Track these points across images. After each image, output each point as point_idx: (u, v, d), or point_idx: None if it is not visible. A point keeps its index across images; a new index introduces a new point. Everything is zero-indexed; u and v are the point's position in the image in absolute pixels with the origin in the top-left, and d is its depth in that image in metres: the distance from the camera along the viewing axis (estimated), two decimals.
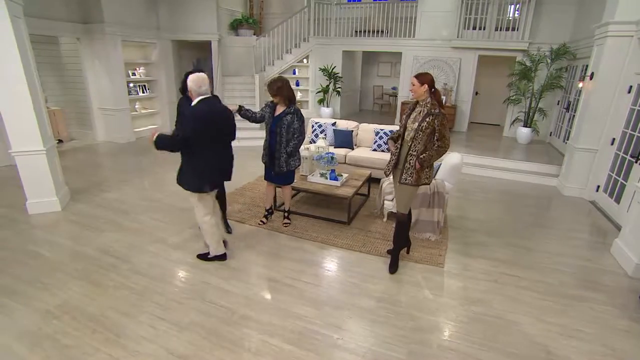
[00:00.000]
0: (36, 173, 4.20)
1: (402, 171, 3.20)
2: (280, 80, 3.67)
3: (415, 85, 3.04)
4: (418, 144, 3.07)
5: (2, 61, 3.76)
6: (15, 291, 2.97)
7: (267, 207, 4.25)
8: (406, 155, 3.16)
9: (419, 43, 8.79)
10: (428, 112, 3.01)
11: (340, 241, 3.90)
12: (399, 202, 3.35)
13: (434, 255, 3.72)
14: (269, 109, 3.77)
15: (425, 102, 3.06)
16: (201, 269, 3.35)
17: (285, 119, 3.66)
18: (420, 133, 3.04)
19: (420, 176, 3.17)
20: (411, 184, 3.17)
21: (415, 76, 3.08)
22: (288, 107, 3.68)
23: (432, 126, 3.01)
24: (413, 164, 3.11)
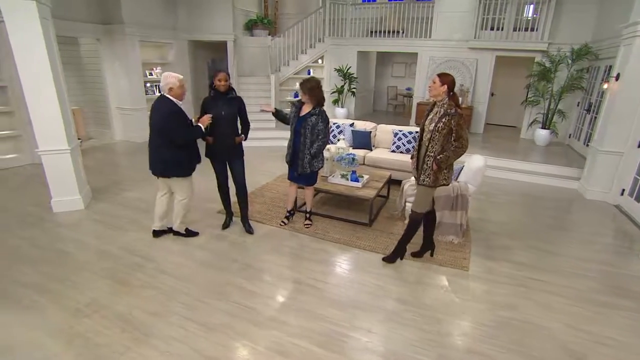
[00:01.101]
0: (61, 172, 4.26)
1: (420, 172, 3.20)
2: (314, 81, 3.67)
3: (436, 83, 3.02)
4: (435, 145, 3.06)
5: (31, 62, 3.82)
6: (45, 288, 3.02)
7: (289, 208, 4.25)
8: (424, 156, 3.14)
9: (435, 43, 8.71)
10: (445, 112, 2.99)
11: (362, 243, 3.88)
12: (415, 202, 3.35)
13: (458, 258, 3.68)
14: (295, 108, 3.77)
15: (442, 102, 3.04)
16: (225, 270, 3.36)
17: (310, 120, 3.66)
18: (436, 134, 3.03)
19: (438, 177, 3.15)
20: (428, 185, 3.16)
21: (438, 75, 3.06)
22: (314, 109, 3.67)
23: (448, 126, 2.99)
24: (430, 164, 3.10)
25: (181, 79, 3.37)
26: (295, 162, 3.80)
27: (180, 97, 3.40)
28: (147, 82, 8.18)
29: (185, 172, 3.55)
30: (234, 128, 3.71)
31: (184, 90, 3.41)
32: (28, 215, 4.32)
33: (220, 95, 3.56)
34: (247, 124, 3.81)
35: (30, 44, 3.76)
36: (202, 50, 9.47)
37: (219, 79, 3.50)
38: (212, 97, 3.59)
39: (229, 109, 3.60)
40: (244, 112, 3.75)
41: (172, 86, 3.30)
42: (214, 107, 3.56)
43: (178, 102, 3.38)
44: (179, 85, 3.33)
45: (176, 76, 3.35)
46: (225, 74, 3.53)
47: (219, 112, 3.55)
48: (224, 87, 3.53)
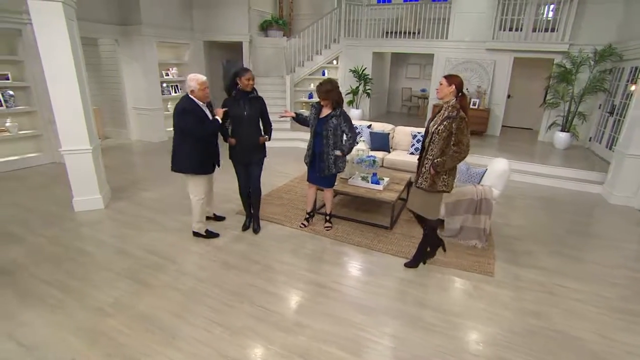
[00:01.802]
0: (82, 171, 4.30)
1: (418, 174, 3.13)
2: (330, 83, 3.62)
3: (443, 84, 2.95)
4: (434, 148, 2.98)
5: (57, 62, 3.86)
6: (69, 287, 3.02)
7: (309, 209, 4.21)
8: (423, 158, 3.08)
9: (452, 44, 8.61)
10: (447, 115, 2.92)
11: (384, 246, 3.83)
12: (423, 208, 3.22)
13: (483, 263, 3.60)
14: (314, 110, 3.73)
15: (448, 104, 2.96)
16: (246, 272, 3.33)
17: (331, 122, 3.62)
18: (436, 137, 2.96)
19: (435, 182, 3.05)
20: (425, 189, 3.08)
21: (445, 76, 3.00)
22: (334, 110, 3.63)
23: (449, 130, 2.90)
24: (428, 168, 3.03)
25: (202, 81, 3.38)
26: (319, 164, 3.76)
27: (203, 99, 3.45)
28: (164, 82, 8.24)
29: (195, 169, 3.55)
30: (257, 128, 3.68)
31: (205, 92, 3.43)
32: (50, 214, 4.36)
33: (242, 94, 3.53)
34: (269, 124, 3.79)
35: (56, 44, 3.80)
36: (217, 51, 9.51)
37: (247, 77, 3.48)
38: (234, 97, 3.56)
39: (252, 109, 3.57)
40: (265, 112, 3.73)
41: (192, 89, 3.37)
42: (236, 108, 3.54)
43: (199, 102, 3.42)
44: (200, 88, 3.37)
45: (197, 79, 3.37)
46: (250, 74, 3.51)
47: (241, 113, 3.53)
48: (250, 87, 3.51)
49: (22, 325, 2.60)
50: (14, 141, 5.90)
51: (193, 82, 3.35)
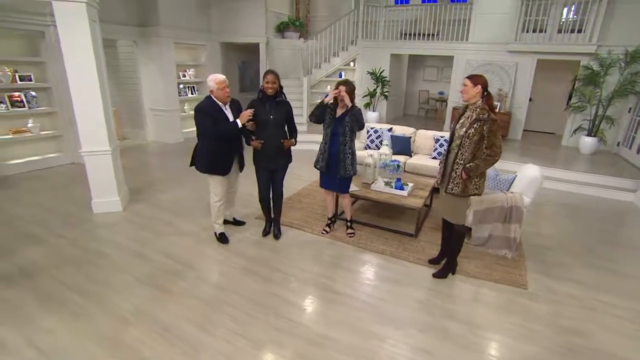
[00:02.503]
0: (101, 173, 4.26)
1: (449, 180, 3.00)
2: (352, 85, 3.49)
3: (468, 85, 2.81)
4: (465, 152, 2.86)
5: (79, 62, 3.83)
6: (89, 292, 2.96)
7: (330, 215, 4.09)
8: (452, 163, 2.95)
9: (472, 46, 8.41)
10: (477, 117, 2.78)
11: (409, 255, 3.68)
12: (450, 213, 3.15)
13: (514, 275, 3.43)
14: (330, 110, 3.58)
15: (475, 106, 2.83)
16: (268, 280, 3.22)
17: (346, 120, 3.49)
18: (466, 140, 2.83)
19: (467, 186, 2.94)
20: (457, 194, 2.97)
21: (468, 77, 2.86)
22: (350, 109, 3.49)
23: (480, 133, 2.78)
24: (459, 173, 2.90)
25: (220, 81, 3.33)
26: (336, 165, 3.61)
27: (222, 99, 3.40)
28: (180, 83, 8.23)
29: (210, 169, 3.52)
30: (283, 133, 3.56)
31: (225, 92, 3.38)
32: (69, 215, 4.33)
33: (269, 98, 3.42)
34: (294, 130, 3.67)
35: (78, 45, 3.77)
36: (234, 52, 9.48)
37: (266, 80, 3.36)
38: (260, 99, 3.47)
39: (278, 114, 3.45)
40: (292, 116, 3.62)
41: (211, 89, 3.34)
42: (262, 111, 3.44)
43: (220, 103, 3.39)
44: (218, 88, 3.33)
45: (215, 78, 3.33)
46: (274, 76, 3.36)
47: (267, 117, 3.43)
48: (272, 90, 3.38)
49: (43, 331, 2.54)
50: (35, 141, 5.94)
51: (212, 82, 3.33)
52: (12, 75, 5.54)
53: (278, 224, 3.96)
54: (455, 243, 3.30)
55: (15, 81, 5.58)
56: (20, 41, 5.76)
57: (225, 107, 3.46)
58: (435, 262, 3.54)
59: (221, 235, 3.82)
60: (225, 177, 3.64)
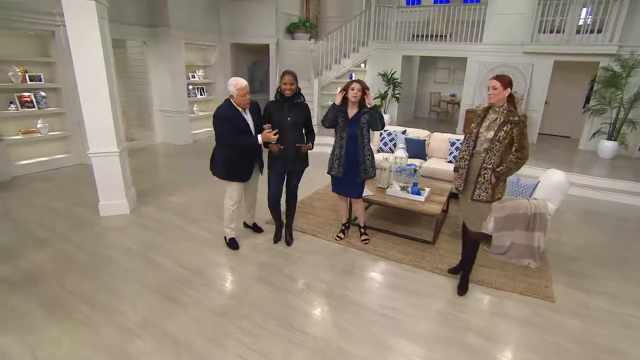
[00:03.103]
0: (109, 175, 4.16)
1: (475, 186, 2.85)
2: (363, 83, 3.33)
3: (498, 88, 2.66)
4: (494, 156, 2.73)
5: (87, 61, 3.74)
6: (95, 301, 2.84)
7: (344, 221, 3.94)
8: (480, 168, 2.80)
9: (486, 48, 8.21)
10: (505, 119, 2.65)
11: (428, 264, 3.51)
12: (472, 220, 3.01)
13: (540, 286, 3.25)
14: (342, 113, 3.40)
15: (502, 108, 2.70)
16: (281, 289, 3.08)
17: (364, 118, 3.33)
18: (496, 144, 2.69)
19: (495, 191, 2.82)
20: (486, 200, 2.83)
21: (496, 78, 2.71)
22: (364, 107, 3.34)
23: (510, 135, 2.65)
24: (488, 178, 2.76)
25: (241, 87, 3.17)
26: (355, 168, 3.45)
27: (242, 105, 3.26)
28: (190, 84, 8.15)
29: (227, 176, 3.41)
30: (300, 136, 3.41)
31: (245, 98, 3.23)
32: (76, 217, 4.24)
33: (286, 99, 3.28)
34: (312, 133, 3.53)
35: (87, 42, 3.68)
36: (243, 54, 9.39)
37: (284, 81, 3.20)
38: (277, 101, 3.33)
39: (295, 116, 3.30)
40: (310, 119, 3.47)
41: (231, 94, 3.21)
42: (279, 113, 3.30)
43: (239, 108, 3.25)
44: (239, 94, 3.18)
45: (236, 84, 3.18)
46: (292, 77, 3.21)
47: (284, 119, 3.29)
48: (290, 92, 3.23)
49: (46, 342, 2.42)
50: (44, 142, 5.87)
51: (232, 87, 3.18)
52: (22, 76, 5.48)
53: (290, 229, 3.82)
54: (472, 251, 3.16)
55: (25, 81, 5.52)
56: (30, 41, 5.70)
57: (245, 111, 3.32)
58: (455, 271, 3.38)
59: (231, 240, 3.68)
60: (245, 183, 3.52)
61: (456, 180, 3.09)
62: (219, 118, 3.19)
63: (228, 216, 3.58)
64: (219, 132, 3.24)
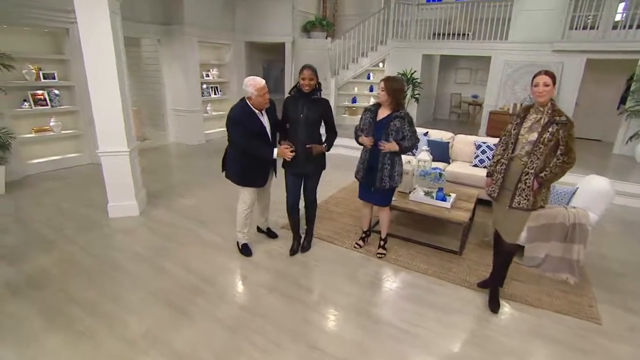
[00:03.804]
0: (118, 175, 4.01)
1: (515, 193, 2.58)
2: (401, 82, 3.08)
3: (550, 85, 2.41)
4: (536, 160, 2.47)
5: (98, 56, 3.60)
6: (98, 310, 2.66)
7: (365, 228, 3.68)
8: (520, 173, 2.54)
9: (512, 46, 7.82)
10: (550, 120, 2.41)
11: (455, 276, 3.23)
12: (508, 230, 2.75)
13: (582, 305, 2.92)
14: (370, 113, 3.15)
15: (546, 107, 2.46)
16: (297, 301, 2.84)
17: (394, 124, 3.04)
18: (540, 146, 2.44)
19: (537, 199, 2.56)
20: (526, 209, 2.57)
21: (546, 73, 2.44)
22: (396, 111, 3.08)
23: (556, 137, 2.41)
24: (530, 183, 2.50)
25: (260, 87, 2.96)
26: (372, 176, 3.19)
27: (260, 107, 3.05)
28: (204, 83, 8.02)
29: (239, 181, 3.24)
30: (315, 135, 3.16)
31: (265, 98, 3.02)
32: (85, 218, 4.10)
33: (303, 95, 3.05)
34: (333, 132, 3.26)
35: (98, 37, 3.54)
36: (258, 52, 9.23)
37: (303, 76, 2.96)
38: (293, 96, 3.10)
39: (311, 112, 3.06)
40: (329, 117, 3.20)
41: (249, 95, 2.98)
42: (294, 109, 3.07)
43: (255, 110, 3.04)
44: (258, 95, 2.96)
45: (254, 84, 2.95)
46: (311, 71, 2.96)
47: (297, 115, 3.06)
48: (308, 87, 2.99)
49: (46, 354, 2.25)
50: (56, 141, 5.80)
51: (250, 87, 2.94)
52: (36, 73, 5.41)
53: (310, 237, 3.60)
54: (504, 263, 2.90)
55: (39, 79, 5.45)
56: (45, 39, 5.64)
57: (262, 112, 3.10)
58: (485, 285, 3.08)
59: (244, 246, 3.47)
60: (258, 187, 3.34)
61: (489, 186, 2.84)
62: (233, 120, 2.98)
63: (241, 220, 3.37)
64: (232, 135, 3.04)
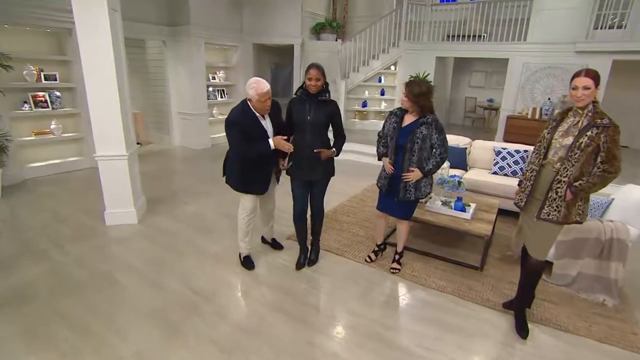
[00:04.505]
0: (116, 180, 3.80)
1: (544, 202, 2.29)
2: (425, 85, 2.78)
3: (591, 88, 2.12)
4: (571, 167, 2.19)
5: (96, 56, 3.41)
6: (86, 329, 2.42)
7: (379, 242, 3.39)
8: (551, 181, 2.26)
9: (531, 47, 7.47)
10: (590, 123, 2.12)
11: (477, 295, 2.92)
12: (534, 244, 2.46)
13: (624, 332, 2.59)
14: (395, 118, 2.92)
15: (586, 110, 2.17)
16: (304, 322, 2.57)
17: (420, 131, 2.77)
18: (576, 151, 2.15)
19: (570, 211, 2.25)
20: (557, 221, 2.27)
21: (587, 74, 2.13)
22: (423, 117, 2.81)
23: (596, 143, 2.12)
24: (562, 193, 2.21)
25: (262, 92, 2.68)
26: (394, 186, 2.93)
27: (261, 111, 2.79)
28: (210, 86, 7.84)
29: (238, 187, 3.00)
30: (322, 139, 2.90)
31: (266, 105, 2.75)
32: (81, 226, 3.90)
33: (309, 96, 2.80)
34: (341, 136, 3.00)
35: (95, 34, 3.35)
36: (266, 55, 9.05)
37: (309, 76, 2.71)
38: (299, 97, 2.85)
39: (318, 115, 2.81)
40: (338, 119, 2.95)
41: (250, 98, 2.73)
42: (300, 111, 2.83)
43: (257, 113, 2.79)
44: (259, 100, 2.70)
45: (256, 88, 2.67)
46: (318, 71, 2.70)
47: (303, 117, 2.81)
48: (314, 89, 2.74)
49: None
50: (56, 144, 5.66)
51: (252, 90, 2.67)
52: (37, 74, 5.28)
53: (317, 249, 3.33)
54: (531, 282, 2.61)
55: (40, 80, 5.31)
56: (47, 39, 5.50)
57: (264, 116, 2.85)
58: (511, 306, 2.77)
59: (246, 258, 3.21)
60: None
61: (517, 195, 2.55)
62: (230, 122, 2.74)
63: (242, 229, 3.13)
64: (231, 140, 2.80)
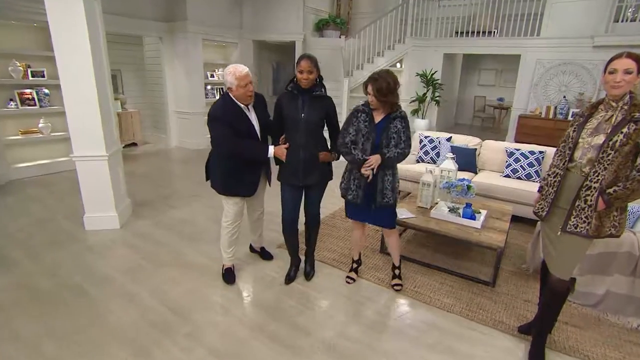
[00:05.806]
0: (96, 182, 3.54)
1: (570, 212, 1.91)
2: (392, 78, 2.36)
3: (633, 72, 1.74)
4: (603, 170, 1.80)
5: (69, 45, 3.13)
6: (42, 352, 2.13)
7: (356, 257, 3.01)
8: (579, 187, 1.87)
9: (545, 42, 7.07)
10: (626, 117, 1.76)
11: (488, 316, 2.57)
12: (557, 261, 2.06)
13: None
14: (364, 115, 2.48)
15: (621, 102, 1.80)
16: (291, 347, 2.25)
17: (394, 126, 2.42)
18: (609, 152, 1.78)
19: (603, 223, 1.86)
20: (586, 235, 1.89)
21: (629, 55, 1.76)
22: (395, 111, 2.46)
23: (634, 141, 1.74)
24: (592, 202, 1.83)
25: (242, 75, 2.39)
26: (372, 191, 2.54)
27: (243, 100, 2.50)
28: (208, 84, 7.58)
29: (219, 189, 2.71)
30: (317, 139, 2.59)
31: (247, 90, 2.45)
32: (59, 231, 3.63)
33: (302, 91, 2.48)
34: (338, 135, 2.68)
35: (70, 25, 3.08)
36: (267, 52, 8.77)
37: (300, 69, 2.40)
38: (290, 93, 2.53)
39: (312, 112, 2.49)
40: (333, 117, 2.64)
41: (230, 86, 2.43)
42: (292, 109, 2.51)
43: (241, 104, 2.51)
44: (239, 85, 2.41)
45: (234, 72, 2.39)
46: (309, 62, 2.39)
47: (296, 115, 2.50)
48: (306, 83, 2.43)
49: None
50: (45, 143, 5.42)
51: (230, 75, 2.40)
52: (23, 71, 5.05)
53: (312, 261, 3.00)
54: (553, 305, 2.19)
55: (27, 77, 5.08)
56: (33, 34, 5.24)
57: (249, 108, 2.57)
58: (529, 331, 2.42)
59: (227, 271, 2.91)
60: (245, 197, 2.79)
61: (537, 202, 2.19)
62: (213, 117, 2.46)
63: (225, 238, 2.83)
64: (215, 137, 2.51)
